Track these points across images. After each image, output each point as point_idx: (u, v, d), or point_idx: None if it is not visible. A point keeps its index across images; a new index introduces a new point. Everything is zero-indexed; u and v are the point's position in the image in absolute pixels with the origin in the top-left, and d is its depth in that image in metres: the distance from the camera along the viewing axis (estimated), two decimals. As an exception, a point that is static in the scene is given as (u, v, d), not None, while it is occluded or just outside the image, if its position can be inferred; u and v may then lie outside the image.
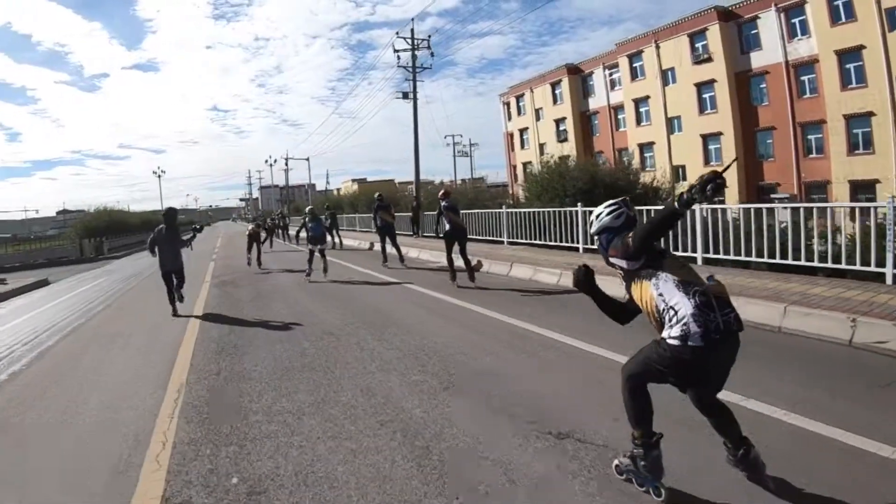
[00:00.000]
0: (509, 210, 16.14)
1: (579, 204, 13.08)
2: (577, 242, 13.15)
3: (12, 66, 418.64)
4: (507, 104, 55.10)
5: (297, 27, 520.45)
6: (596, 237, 3.09)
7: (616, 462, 3.05)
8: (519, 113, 53.50)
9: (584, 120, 47.44)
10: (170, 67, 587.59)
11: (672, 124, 40.32)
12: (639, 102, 42.55)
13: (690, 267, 2.78)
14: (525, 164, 50.97)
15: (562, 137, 47.80)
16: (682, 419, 3.30)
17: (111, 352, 7.01)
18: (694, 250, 9.76)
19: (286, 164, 66.84)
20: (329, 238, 15.13)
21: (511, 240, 15.88)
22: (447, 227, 10.85)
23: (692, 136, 38.58)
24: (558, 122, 48.78)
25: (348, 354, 5.95)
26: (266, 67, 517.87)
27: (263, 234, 18.46)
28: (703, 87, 38.15)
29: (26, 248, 38.70)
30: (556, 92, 48.92)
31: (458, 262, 10.78)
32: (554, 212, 14.04)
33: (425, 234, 21.14)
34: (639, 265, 2.77)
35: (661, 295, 2.67)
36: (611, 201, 3.07)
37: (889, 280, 6.91)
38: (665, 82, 40.60)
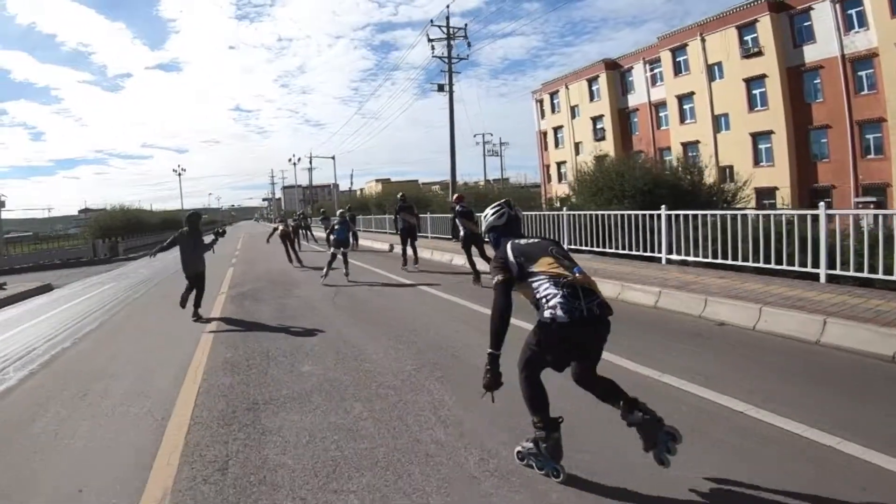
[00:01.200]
0: (571, 213, 13.91)
1: (663, 207, 10.90)
2: (660, 252, 10.94)
3: (36, 65, 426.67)
4: (541, 101, 52.74)
5: (319, 27, 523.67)
6: (485, 235, 3.58)
7: (518, 448, 3.29)
8: (553, 110, 51.09)
9: (623, 118, 44.96)
10: (192, 67, 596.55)
11: (719, 122, 37.85)
12: (683, 99, 40.06)
13: (565, 261, 3.12)
14: (559, 164, 48.77)
15: (599, 136, 45.46)
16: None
17: (75, 413, 4.86)
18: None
19: (310, 163, 64.98)
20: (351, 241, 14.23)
21: (573, 247, 13.70)
22: (462, 231, 11.13)
23: (741, 134, 36.03)
24: (595, 119, 46.32)
25: (425, 433, 3.86)
26: (289, 68, 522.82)
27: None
28: (753, 82, 35.68)
29: (43, 247, 37.42)
30: (593, 88, 46.49)
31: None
32: (630, 216, 11.81)
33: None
34: (528, 269, 3.10)
35: (536, 287, 3.03)
36: (495, 203, 3.60)
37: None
38: (711, 77, 38.13)
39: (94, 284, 17.29)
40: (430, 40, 25.28)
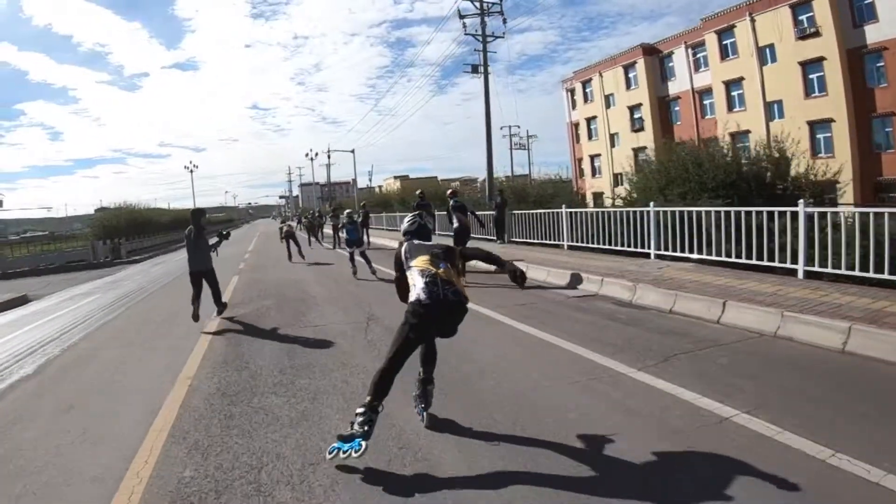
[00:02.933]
0: (661, 209, 10.98)
1: (800, 203, 8.03)
2: (796, 263, 8.07)
3: (54, 66, 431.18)
4: (572, 91, 49.32)
5: (335, 25, 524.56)
6: (403, 236, 4.26)
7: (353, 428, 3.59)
8: (586, 100, 47.62)
9: (663, 106, 41.58)
10: (209, 66, 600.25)
11: (771, 109, 34.47)
12: (730, 85, 36.72)
13: (437, 260, 3.91)
14: (593, 157, 45.57)
15: (637, 126, 42.22)
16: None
17: None
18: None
19: (328, 158, 61.90)
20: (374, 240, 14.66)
21: (659, 251, 10.83)
22: (455, 225, 11.38)
23: (796, 122, 32.43)
24: (632, 108, 42.91)
25: None
26: (305, 65, 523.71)
27: (305, 233, 19.61)
28: (810, 66, 32.39)
29: (49, 248, 35.19)
30: (630, 75, 43.11)
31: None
32: (753, 213, 8.92)
33: (514, 239, 16.13)
34: (408, 264, 3.99)
35: (411, 276, 3.92)
36: (410, 215, 4.45)
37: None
38: (763, 61, 34.74)
39: (78, 296, 14.72)
40: (461, 17, 22.41)
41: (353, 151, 53.39)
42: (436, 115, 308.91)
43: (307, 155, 65.39)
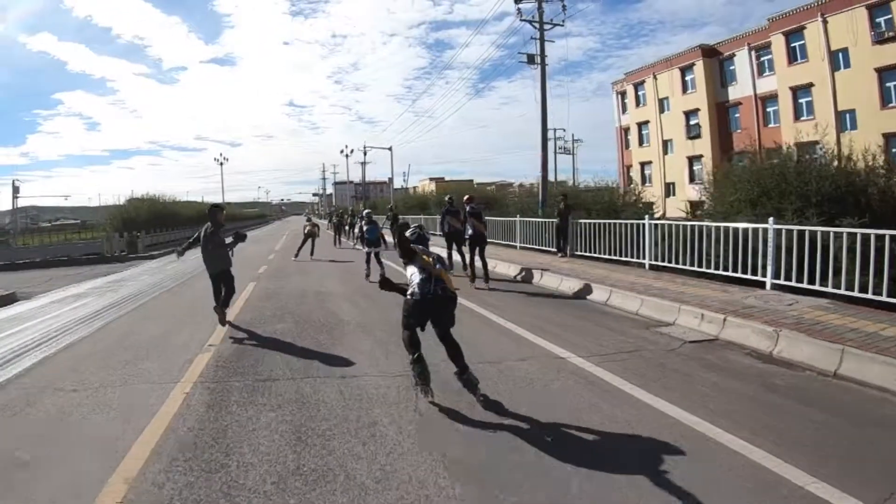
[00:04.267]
0: (785, 227, 8.54)
1: None
2: None
3: (93, 57, 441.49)
4: (622, 94, 46.44)
5: (374, 25, 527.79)
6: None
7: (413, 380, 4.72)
8: (638, 103, 44.71)
9: (721, 112, 38.51)
10: (247, 62, 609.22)
11: (843, 119, 31.31)
12: (798, 91, 33.61)
13: (432, 260, 4.82)
14: (643, 164, 42.72)
15: (693, 133, 39.31)
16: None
17: None
18: None
19: (364, 156, 59.51)
20: (390, 240, 13.33)
21: (778, 281, 8.44)
22: (470, 231, 11.43)
23: (871, 135, 29.27)
24: (688, 114, 39.91)
25: None
26: (343, 64, 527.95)
27: (332, 232, 20.79)
28: (887, 72, 29.23)
29: (72, 237, 33.77)
30: (687, 78, 40.13)
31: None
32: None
33: (577, 253, 13.71)
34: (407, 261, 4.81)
35: (411, 274, 4.75)
36: (413, 226, 5.48)
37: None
38: (835, 66, 31.64)
39: (69, 298, 12.84)
40: (517, 1, 20.09)
41: (390, 149, 51.19)
42: (473, 117, 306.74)
43: (342, 151, 62.84)
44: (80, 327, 8.68)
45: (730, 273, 9.26)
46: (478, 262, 11.32)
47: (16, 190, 37.27)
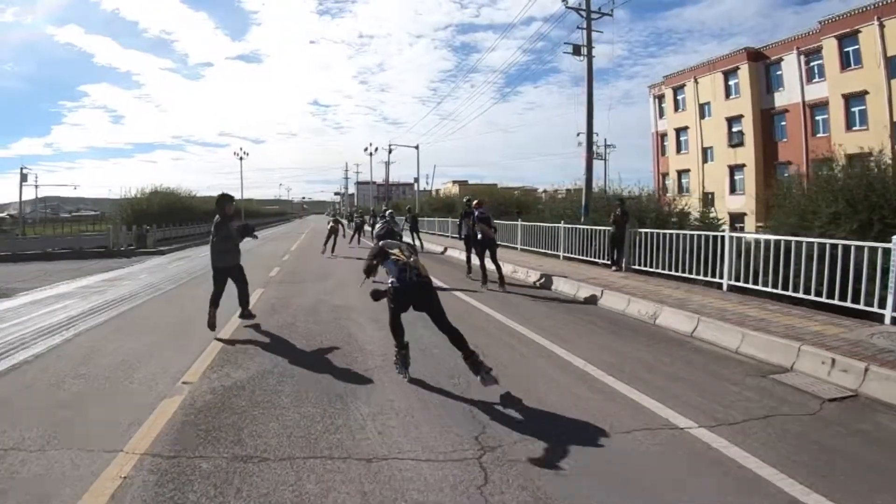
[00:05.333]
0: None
1: None
2: None
3: (119, 51, 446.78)
4: (660, 98, 44.15)
5: (401, 26, 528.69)
6: (375, 237, 6.00)
7: (393, 359, 5.47)
8: (676, 108, 42.36)
9: (766, 119, 36.21)
10: (273, 60, 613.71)
11: (900, 131, 29.02)
12: (850, 99, 31.23)
13: (407, 250, 5.36)
14: (680, 173, 40.48)
15: (735, 141, 37.03)
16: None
17: None
18: None
19: (388, 154, 57.20)
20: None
21: None
22: (479, 235, 11.42)
23: (931, 147, 27.28)
24: (731, 120, 37.62)
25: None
26: (369, 65, 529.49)
27: (351, 231, 20.67)
28: (949, 81, 26.98)
29: (86, 229, 32.43)
30: (731, 83, 37.82)
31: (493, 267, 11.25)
32: None
33: (635, 267, 11.81)
34: (387, 254, 5.28)
35: (386, 265, 5.24)
36: (382, 222, 6.79)
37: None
38: (891, 74, 29.29)
39: (52, 298, 11.30)
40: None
41: (417, 147, 49.23)
42: (496, 122, 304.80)
43: (366, 149, 60.64)
44: (40, 341, 7.02)
45: (835, 301, 7.38)
46: (491, 265, 11.36)
47: (24, 178, 36.28)
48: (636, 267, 11.68)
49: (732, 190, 36.59)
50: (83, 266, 18.55)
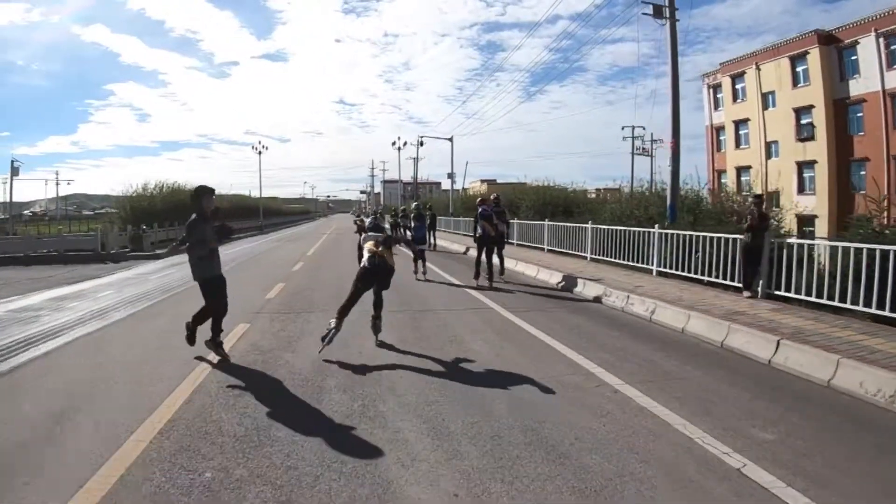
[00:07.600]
0: None
1: None
2: None
3: (145, 50, 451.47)
4: (715, 87, 40.20)
5: (426, 25, 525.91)
6: (364, 229, 7.31)
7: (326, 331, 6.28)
8: (735, 98, 38.45)
9: (839, 110, 32.26)
10: (298, 59, 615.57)
11: None
12: (941, 87, 27.47)
13: (376, 243, 6.53)
14: (740, 169, 36.54)
15: (804, 134, 33.18)
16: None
17: None
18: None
19: (418, 148, 53.20)
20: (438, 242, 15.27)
21: None
22: (479, 231, 11.55)
23: None
24: (799, 111, 33.70)
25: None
26: (394, 63, 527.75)
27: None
28: None
29: (94, 227, 29.83)
30: (798, 69, 33.89)
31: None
32: None
33: (779, 293, 8.47)
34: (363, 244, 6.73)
35: (362, 251, 6.60)
36: (370, 216, 8.48)
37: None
38: None
39: (15, 318, 8.32)
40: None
41: (451, 139, 45.64)
42: (521, 121, 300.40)
43: (394, 143, 56.73)
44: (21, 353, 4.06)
45: None
46: (495, 260, 11.92)
47: (15, 172, 34.00)
48: (780, 293, 8.33)
49: (801, 189, 32.68)
50: (53, 274, 15.67)
